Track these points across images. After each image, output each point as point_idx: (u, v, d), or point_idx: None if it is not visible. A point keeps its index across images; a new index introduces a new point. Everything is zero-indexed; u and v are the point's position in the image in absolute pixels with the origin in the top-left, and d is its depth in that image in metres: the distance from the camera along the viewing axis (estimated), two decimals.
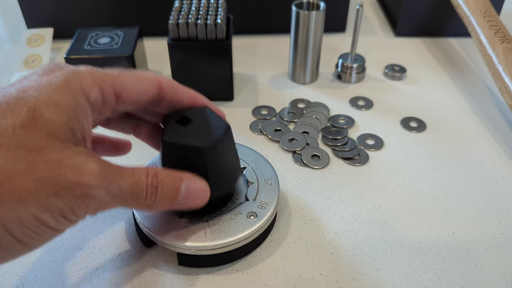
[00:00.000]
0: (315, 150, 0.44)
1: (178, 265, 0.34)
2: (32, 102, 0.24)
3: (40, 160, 0.23)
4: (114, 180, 0.26)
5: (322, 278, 0.33)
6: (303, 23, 0.50)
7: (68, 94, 0.25)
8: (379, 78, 0.57)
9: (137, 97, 0.29)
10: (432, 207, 0.39)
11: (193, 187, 0.30)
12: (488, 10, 0.52)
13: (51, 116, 0.24)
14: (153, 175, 0.28)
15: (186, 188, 0.29)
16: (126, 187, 0.26)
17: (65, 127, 0.25)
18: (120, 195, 0.26)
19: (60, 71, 0.26)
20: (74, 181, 0.24)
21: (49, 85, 0.25)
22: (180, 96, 0.32)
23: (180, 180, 0.29)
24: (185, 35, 0.47)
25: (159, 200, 0.28)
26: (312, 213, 0.38)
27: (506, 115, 0.50)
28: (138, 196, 0.27)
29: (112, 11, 0.61)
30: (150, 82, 0.30)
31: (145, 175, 0.28)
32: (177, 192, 0.29)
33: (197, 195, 0.30)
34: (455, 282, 0.33)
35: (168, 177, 0.29)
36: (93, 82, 0.27)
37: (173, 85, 0.31)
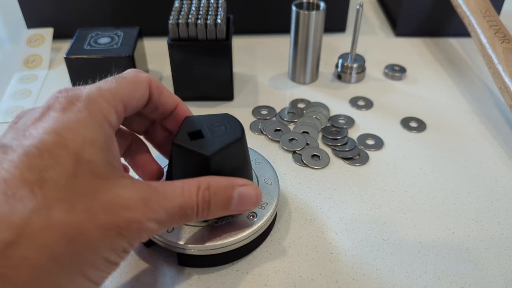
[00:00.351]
0: (315, 150, 0.44)
1: (178, 265, 0.34)
2: (71, 147, 0.23)
3: (96, 205, 0.23)
4: (159, 208, 0.26)
5: (322, 278, 0.33)
6: (303, 23, 0.50)
7: (97, 128, 0.25)
8: (379, 78, 0.57)
9: (137, 104, 0.30)
10: (432, 207, 0.39)
11: (245, 193, 0.30)
12: (488, 10, 0.52)
13: (91, 156, 0.24)
14: (205, 188, 0.28)
15: (238, 195, 0.29)
16: (175, 211, 0.26)
17: (105, 164, 0.25)
18: (170, 219, 0.26)
19: (80, 103, 0.25)
20: (130, 219, 0.24)
21: (77, 122, 0.24)
22: (165, 98, 0.32)
23: (232, 188, 0.29)
24: (185, 35, 0.47)
25: (212, 211, 0.28)
26: (312, 213, 0.38)
27: (506, 115, 0.50)
28: (188, 215, 0.27)
29: (112, 11, 0.61)
30: (143, 86, 0.30)
31: (196, 191, 0.27)
32: (230, 201, 0.29)
33: (249, 200, 0.30)
34: (455, 282, 0.33)
35: (221, 188, 0.29)
36: (109, 106, 0.26)
37: (159, 86, 0.31)
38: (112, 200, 0.24)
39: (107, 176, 0.25)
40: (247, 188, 0.30)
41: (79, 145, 0.24)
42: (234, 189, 0.29)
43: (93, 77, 0.49)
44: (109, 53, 0.48)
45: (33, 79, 0.56)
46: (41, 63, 0.58)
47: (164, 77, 0.56)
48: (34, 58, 0.58)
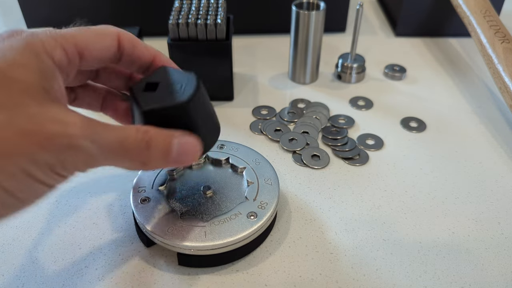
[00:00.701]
0: (315, 150, 0.44)
1: (178, 265, 0.34)
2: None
3: (19, 114, 0.22)
4: (100, 132, 0.25)
5: (322, 278, 0.33)
6: (303, 23, 0.50)
7: (32, 56, 0.25)
8: (379, 78, 0.57)
9: (99, 54, 0.29)
10: (432, 207, 0.39)
11: (186, 142, 0.29)
12: (488, 10, 0.52)
13: (21, 76, 0.23)
14: (144, 131, 0.27)
15: (178, 143, 0.29)
16: (114, 139, 0.26)
17: (38, 87, 0.24)
18: (108, 148, 0.25)
19: (19, 36, 0.26)
20: (57, 131, 0.23)
21: (11, 49, 0.24)
22: (140, 51, 0.31)
23: (172, 136, 0.29)
24: (185, 35, 0.47)
25: (153, 156, 0.28)
26: (312, 213, 0.38)
27: (506, 115, 0.50)
28: (128, 150, 0.26)
29: (112, 11, 0.61)
30: (109, 37, 0.29)
31: (135, 131, 0.27)
32: (170, 148, 0.28)
33: (190, 150, 0.30)
34: (455, 282, 0.33)
35: (159, 134, 0.28)
36: (54, 42, 0.26)
37: (132, 40, 0.31)
38: (40, 113, 0.23)
39: (40, 98, 0.24)
40: (187, 138, 0.29)
41: (7, 65, 0.23)
42: (173, 137, 0.29)
43: None
44: None
45: None
46: None
47: None
48: None
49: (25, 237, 0.36)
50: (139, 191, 0.36)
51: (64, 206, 0.39)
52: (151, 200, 0.35)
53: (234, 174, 0.38)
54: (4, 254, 0.35)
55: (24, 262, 0.34)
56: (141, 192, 0.36)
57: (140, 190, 0.36)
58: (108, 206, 0.39)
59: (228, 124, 0.49)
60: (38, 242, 0.36)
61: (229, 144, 0.40)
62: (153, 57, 0.32)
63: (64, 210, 0.39)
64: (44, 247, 0.35)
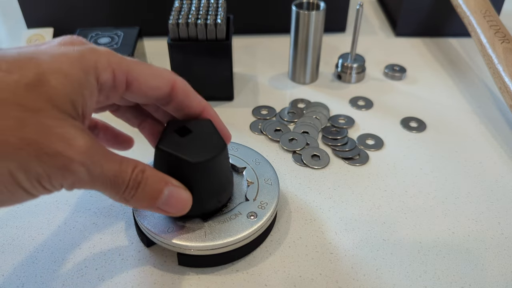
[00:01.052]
0: (315, 150, 0.44)
1: (178, 265, 0.34)
2: (42, 66, 0.24)
3: (32, 121, 0.23)
4: (98, 162, 0.25)
5: (322, 278, 0.33)
6: (303, 23, 0.50)
7: (79, 69, 0.25)
8: (379, 78, 0.57)
9: (148, 91, 0.29)
10: (432, 207, 0.39)
11: (176, 195, 0.29)
12: (488, 10, 0.52)
13: (56, 84, 0.24)
14: (140, 170, 0.28)
15: (169, 194, 0.29)
16: (109, 173, 0.26)
17: (66, 98, 0.24)
18: (100, 179, 0.26)
19: (79, 46, 0.27)
20: (59, 150, 0.23)
21: (63, 56, 0.25)
22: (190, 101, 0.32)
23: (166, 184, 0.29)
24: (185, 35, 0.47)
25: (139, 197, 0.28)
26: (312, 213, 0.38)
27: (506, 115, 0.50)
28: (118, 186, 0.27)
29: (112, 11, 0.61)
30: (164, 80, 0.30)
31: (132, 168, 0.27)
32: (159, 195, 0.29)
33: (177, 204, 0.30)
34: (455, 282, 0.33)
35: (154, 177, 0.28)
36: (107, 64, 0.27)
37: (186, 89, 0.31)
38: (52, 126, 0.23)
39: (62, 109, 0.24)
40: (179, 191, 0.30)
41: (51, 70, 0.24)
42: (167, 185, 0.29)
43: None
44: None
45: None
46: None
47: None
48: None
49: (25, 237, 0.36)
50: None
51: (64, 206, 0.39)
52: None
53: (234, 174, 0.38)
54: (4, 254, 0.35)
55: (24, 262, 0.34)
56: None
57: None
58: (108, 206, 0.39)
59: (228, 124, 0.48)
60: (38, 242, 0.36)
61: (229, 144, 0.40)
62: (202, 110, 0.33)
63: (64, 210, 0.39)
64: (44, 247, 0.35)
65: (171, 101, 0.31)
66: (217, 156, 0.31)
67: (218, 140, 0.32)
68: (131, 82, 0.28)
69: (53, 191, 0.25)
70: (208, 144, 0.31)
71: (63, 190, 0.26)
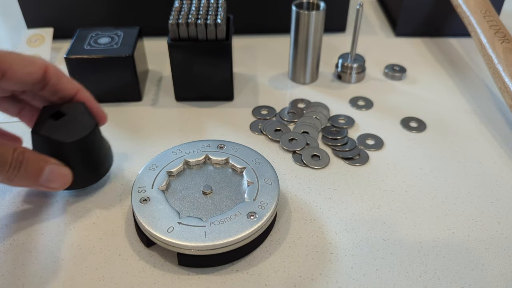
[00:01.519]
0: (315, 150, 0.44)
1: (178, 265, 0.34)
2: None
3: None
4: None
5: (322, 278, 0.33)
6: (303, 23, 0.50)
7: None
8: (379, 78, 0.57)
9: (22, 78, 0.32)
10: (432, 207, 0.39)
11: (57, 171, 0.33)
12: (488, 10, 0.52)
13: None
14: (20, 152, 0.31)
15: (49, 171, 0.32)
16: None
17: None
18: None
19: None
20: None
21: None
22: (64, 84, 0.35)
23: (45, 162, 0.32)
24: (185, 35, 0.47)
25: (22, 175, 0.31)
26: (312, 213, 0.38)
27: (506, 115, 0.50)
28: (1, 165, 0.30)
29: (112, 11, 0.61)
30: (36, 66, 0.33)
31: (12, 150, 0.30)
32: (41, 172, 0.32)
33: (59, 179, 0.33)
34: (455, 282, 0.33)
35: (34, 157, 0.32)
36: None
37: (58, 73, 0.34)
38: None
39: None
40: (59, 168, 0.33)
41: None
42: (47, 163, 0.32)
43: (93, 77, 0.50)
44: (109, 53, 0.48)
45: None
46: None
47: (164, 77, 0.56)
48: None
49: (25, 237, 0.36)
50: (139, 191, 0.36)
51: (64, 206, 0.39)
52: (151, 200, 0.35)
53: (234, 174, 0.38)
54: (4, 254, 0.35)
55: (24, 262, 0.34)
56: (141, 192, 0.36)
57: (140, 190, 0.36)
58: (108, 206, 0.39)
59: (228, 124, 0.49)
60: (38, 242, 0.36)
61: (229, 144, 0.40)
62: (76, 92, 0.36)
63: (64, 210, 0.39)
64: (44, 247, 0.35)
65: (46, 85, 0.34)
66: (88, 135, 0.35)
67: (90, 120, 0.36)
68: (5, 71, 0.31)
69: None
70: (80, 125, 0.35)
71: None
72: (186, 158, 0.39)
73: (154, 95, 0.53)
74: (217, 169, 0.39)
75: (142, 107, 0.51)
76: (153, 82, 0.55)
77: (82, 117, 0.36)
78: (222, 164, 0.39)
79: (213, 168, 0.39)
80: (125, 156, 0.44)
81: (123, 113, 0.50)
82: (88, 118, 0.36)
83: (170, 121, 0.49)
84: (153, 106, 0.51)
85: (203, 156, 0.39)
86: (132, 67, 0.49)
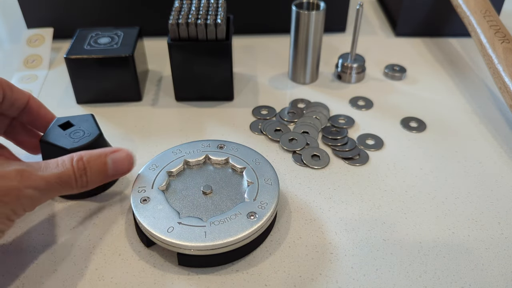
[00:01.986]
0: (315, 150, 0.44)
1: (178, 265, 0.34)
2: None
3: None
4: (35, 177, 0.29)
5: (322, 278, 0.33)
6: (303, 23, 0.50)
7: None
8: (379, 78, 0.57)
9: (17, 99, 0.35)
10: (432, 207, 0.39)
11: (118, 158, 0.34)
12: (488, 10, 0.52)
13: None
14: (78, 159, 0.31)
15: (112, 161, 0.33)
16: (52, 179, 0.30)
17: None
18: (50, 187, 0.30)
19: None
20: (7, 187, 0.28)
21: None
22: (17, 94, 0.37)
23: (105, 155, 0.33)
24: (185, 35, 0.47)
25: (91, 178, 0.32)
26: (312, 213, 0.38)
27: (506, 115, 0.50)
28: (67, 183, 0.31)
29: (112, 11, 0.61)
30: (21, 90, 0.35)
31: (70, 162, 0.31)
32: (106, 166, 0.33)
33: (123, 163, 0.34)
34: (455, 282, 0.33)
35: (93, 156, 0.32)
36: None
37: (8, 83, 0.36)
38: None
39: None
40: (118, 153, 0.34)
41: None
42: (106, 156, 0.33)
43: (93, 77, 0.50)
44: (109, 53, 0.48)
45: (33, 79, 0.56)
46: (41, 63, 0.58)
47: (164, 77, 0.56)
48: (34, 58, 0.58)
49: (25, 237, 0.36)
50: (139, 191, 0.36)
51: (64, 206, 0.39)
52: (151, 200, 0.35)
53: (234, 174, 0.38)
54: (4, 254, 0.35)
55: (24, 262, 0.34)
56: (141, 192, 0.36)
57: (140, 190, 0.36)
58: (108, 206, 0.39)
59: (228, 124, 0.49)
60: (38, 242, 0.36)
61: (229, 144, 0.40)
62: (27, 99, 0.38)
63: (64, 210, 0.39)
64: (44, 247, 0.35)
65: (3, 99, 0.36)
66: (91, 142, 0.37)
67: (94, 130, 0.39)
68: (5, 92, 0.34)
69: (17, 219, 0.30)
70: (84, 134, 0.38)
71: None
72: (186, 158, 0.39)
73: (154, 95, 0.53)
74: (217, 169, 0.39)
75: (142, 107, 0.51)
76: (153, 82, 0.55)
77: (87, 127, 0.39)
78: (222, 164, 0.39)
79: (213, 168, 0.39)
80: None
81: (123, 113, 0.50)
82: (93, 128, 0.39)
83: (170, 121, 0.49)
84: (153, 106, 0.51)
85: (203, 156, 0.39)
86: (132, 67, 0.49)
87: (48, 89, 0.54)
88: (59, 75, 0.56)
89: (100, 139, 0.39)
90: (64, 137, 0.38)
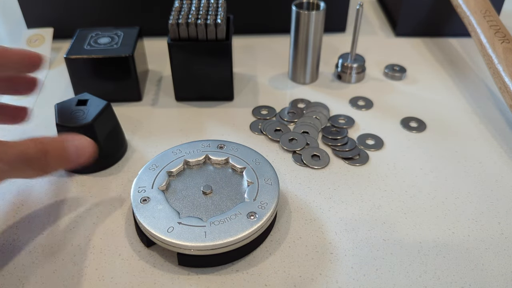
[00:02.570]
0: (315, 150, 0.44)
1: (178, 265, 0.34)
2: None
3: None
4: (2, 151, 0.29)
5: (322, 278, 0.33)
6: (303, 23, 0.50)
7: None
8: (379, 78, 0.57)
9: None
10: (432, 207, 0.39)
11: (79, 144, 0.33)
12: (488, 10, 0.52)
13: None
14: (39, 142, 0.31)
15: (73, 146, 0.33)
16: (14, 155, 0.30)
17: None
18: (13, 162, 0.30)
19: None
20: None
21: None
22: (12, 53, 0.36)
23: (65, 140, 0.33)
24: (185, 35, 0.47)
25: (51, 162, 0.32)
26: (312, 213, 0.38)
27: (506, 115, 0.50)
28: (29, 161, 0.30)
29: (112, 11, 0.62)
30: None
31: (33, 143, 0.31)
32: (65, 151, 0.32)
33: (84, 150, 0.33)
34: (455, 282, 0.33)
35: (53, 141, 0.32)
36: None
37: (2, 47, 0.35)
38: None
39: None
40: (79, 139, 0.34)
41: None
42: (66, 141, 0.33)
43: (93, 77, 0.50)
44: (109, 53, 0.48)
45: None
46: None
47: (164, 77, 0.56)
48: None
49: (25, 237, 0.36)
50: (139, 191, 0.36)
51: (64, 206, 0.39)
52: (151, 200, 0.35)
53: (234, 174, 0.38)
54: (4, 254, 0.35)
55: (24, 262, 0.34)
56: (141, 192, 0.36)
57: (140, 190, 0.36)
58: (108, 206, 0.39)
59: (228, 124, 0.49)
60: (38, 242, 0.36)
61: (229, 144, 0.40)
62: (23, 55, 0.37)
63: (64, 210, 0.39)
64: (44, 247, 0.35)
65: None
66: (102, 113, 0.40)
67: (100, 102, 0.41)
68: None
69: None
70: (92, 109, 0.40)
71: None
72: (186, 158, 0.39)
73: (154, 95, 0.53)
74: (217, 169, 0.39)
75: (142, 107, 0.51)
76: (153, 82, 0.55)
77: (90, 112, 0.40)
78: (222, 164, 0.39)
79: (213, 168, 0.39)
80: (125, 156, 0.44)
81: (123, 113, 0.50)
82: (92, 115, 0.40)
83: (170, 121, 0.49)
84: (153, 106, 0.51)
85: (203, 156, 0.39)
86: (132, 67, 0.49)
87: (48, 89, 0.54)
88: (59, 75, 0.56)
89: (90, 130, 0.39)
90: (69, 111, 0.40)
